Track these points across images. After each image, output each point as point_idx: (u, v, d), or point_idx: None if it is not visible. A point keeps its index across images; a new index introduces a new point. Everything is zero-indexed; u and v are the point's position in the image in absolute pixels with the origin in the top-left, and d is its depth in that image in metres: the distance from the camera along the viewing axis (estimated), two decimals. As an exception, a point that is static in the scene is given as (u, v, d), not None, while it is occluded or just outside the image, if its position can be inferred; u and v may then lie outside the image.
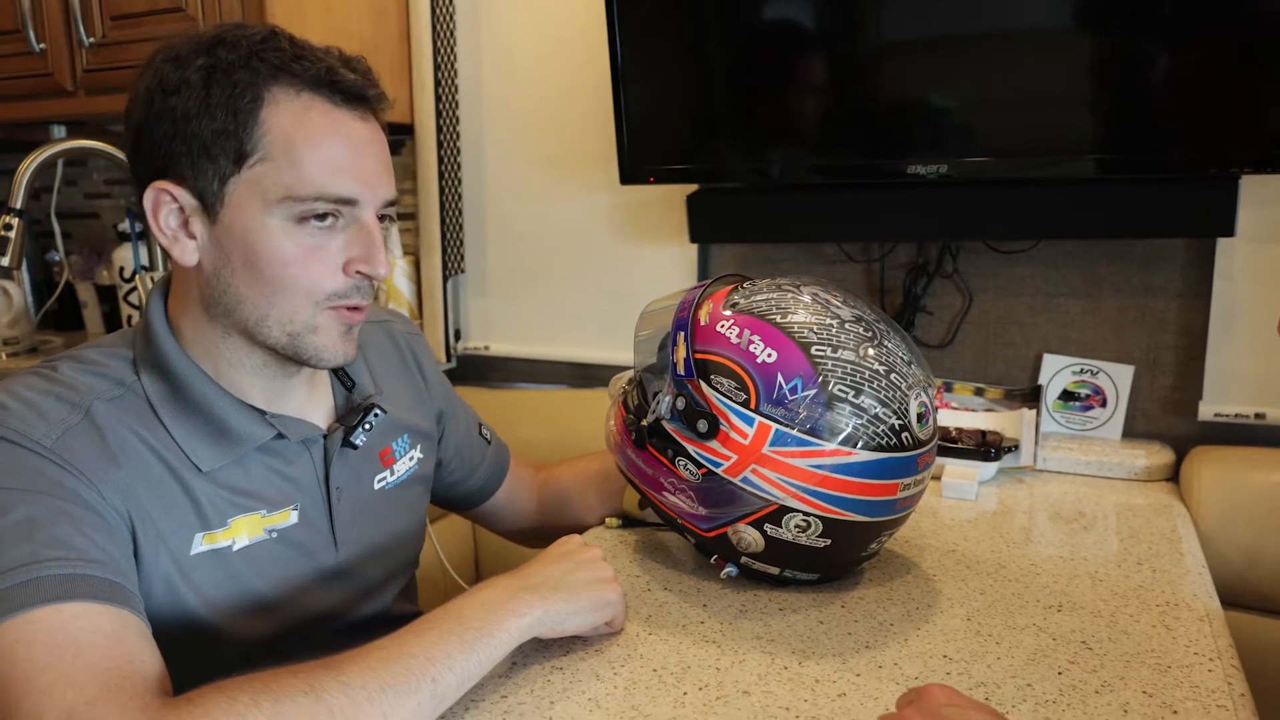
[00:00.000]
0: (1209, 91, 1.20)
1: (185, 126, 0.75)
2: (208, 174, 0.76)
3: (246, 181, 0.76)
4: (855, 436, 0.85)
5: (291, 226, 0.77)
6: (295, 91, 0.76)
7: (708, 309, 0.93)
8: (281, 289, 0.78)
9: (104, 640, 0.65)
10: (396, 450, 0.98)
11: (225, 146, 0.75)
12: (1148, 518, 1.17)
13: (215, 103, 0.75)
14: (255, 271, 0.77)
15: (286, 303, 0.78)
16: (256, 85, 0.75)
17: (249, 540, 0.82)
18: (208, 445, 0.80)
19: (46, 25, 1.70)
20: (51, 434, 0.73)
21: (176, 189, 0.77)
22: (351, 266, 0.80)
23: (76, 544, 0.69)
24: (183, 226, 0.78)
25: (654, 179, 1.51)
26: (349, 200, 0.78)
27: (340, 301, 0.80)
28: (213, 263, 0.79)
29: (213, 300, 0.80)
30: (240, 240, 0.77)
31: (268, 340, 0.80)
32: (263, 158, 0.76)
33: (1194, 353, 1.37)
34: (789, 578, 0.94)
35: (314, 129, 0.77)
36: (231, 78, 0.75)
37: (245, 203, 0.77)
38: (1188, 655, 0.81)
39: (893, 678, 0.78)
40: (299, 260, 0.77)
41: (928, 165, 1.32)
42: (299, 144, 0.76)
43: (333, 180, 0.77)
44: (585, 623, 0.81)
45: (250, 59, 0.76)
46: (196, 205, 0.77)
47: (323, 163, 0.77)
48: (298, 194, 0.76)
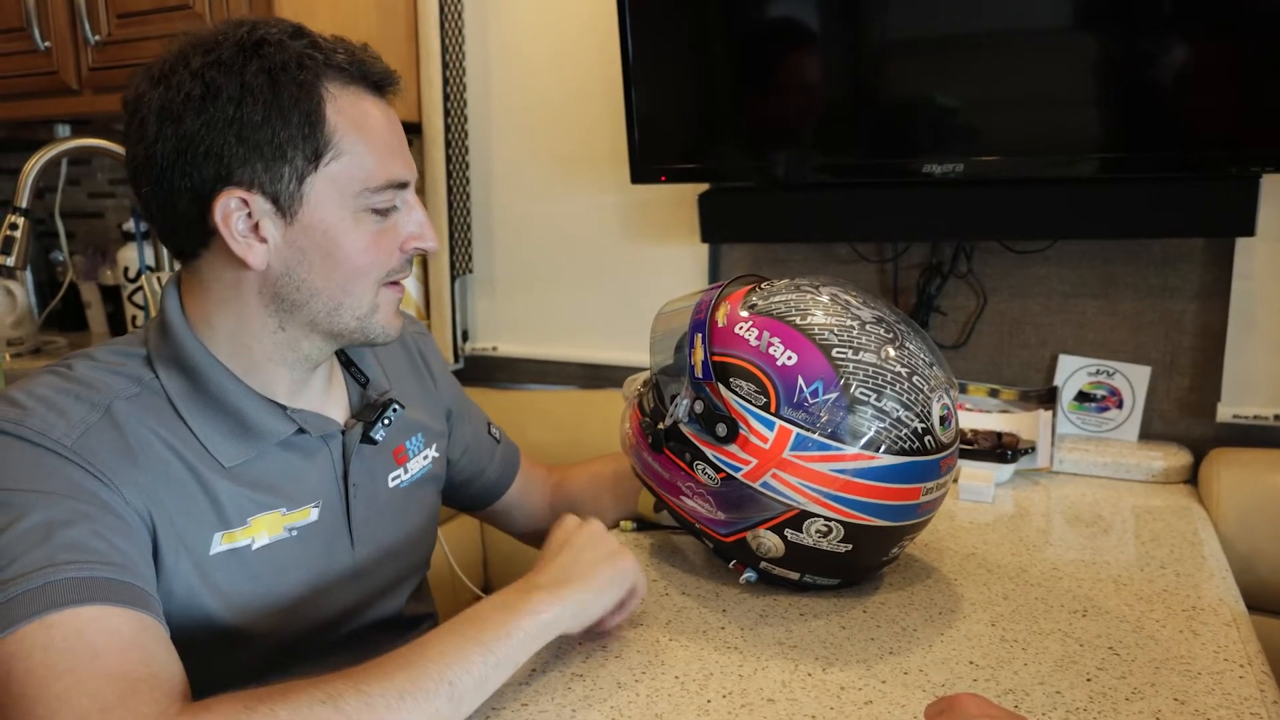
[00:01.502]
0: (1228, 89, 1.19)
1: (254, 133, 0.74)
2: (283, 176, 0.76)
3: (323, 179, 0.77)
4: (878, 440, 0.84)
5: (364, 216, 0.79)
6: (343, 84, 0.78)
7: (725, 310, 0.92)
8: (357, 276, 0.80)
9: (121, 644, 0.65)
10: (410, 449, 0.97)
11: (301, 147, 0.76)
12: (1167, 520, 1.16)
13: (286, 106, 0.75)
14: (335, 263, 0.79)
15: (359, 288, 0.81)
16: (318, 84, 0.76)
17: (269, 539, 0.82)
18: (229, 441, 0.80)
19: (51, 23, 1.69)
20: (72, 434, 0.72)
21: (249, 195, 0.76)
22: (410, 243, 0.83)
23: (95, 547, 0.68)
24: (253, 231, 0.78)
25: (665, 178, 1.50)
26: (404, 183, 0.82)
27: (396, 277, 0.84)
28: (285, 261, 0.79)
29: (279, 297, 0.80)
30: (321, 235, 0.78)
31: (336, 328, 0.82)
32: (336, 154, 0.77)
33: (1212, 353, 1.36)
34: (809, 583, 0.93)
35: (369, 119, 0.79)
36: (298, 78, 0.75)
37: (324, 199, 0.78)
38: (1217, 661, 0.80)
39: (919, 684, 0.76)
40: (374, 245, 0.80)
41: (941, 164, 1.31)
42: (363, 136, 0.78)
43: (392, 166, 0.80)
44: (608, 601, 0.81)
45: (303, 58, 0.76)
46: (271, 209, 0.77)
47: (382, 151, 0.79)
48: (372, 185, 0.79)
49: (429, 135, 1.72)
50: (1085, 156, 1.27)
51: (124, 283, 2.04)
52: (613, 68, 1.46)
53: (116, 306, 2.13)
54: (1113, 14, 1.22)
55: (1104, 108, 1.26)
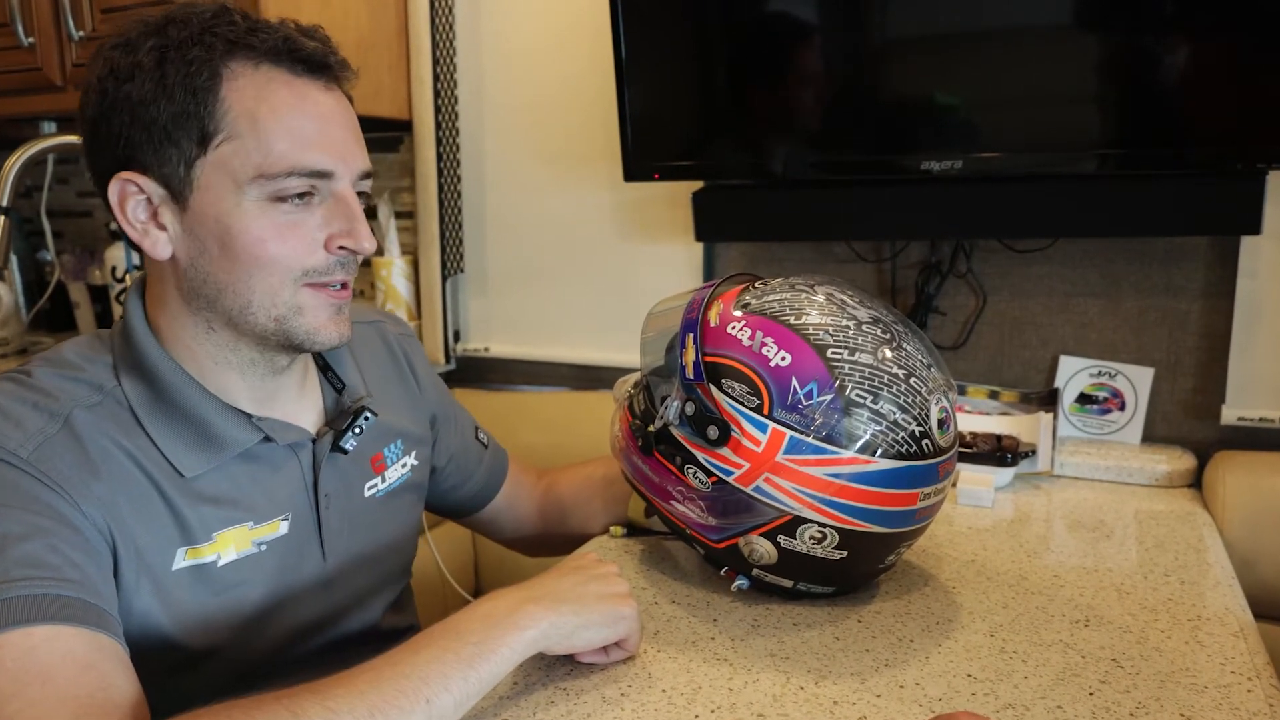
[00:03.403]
0: (1234, 84, 1.16)
1: (143, 112, 0.72)
2: (172, 159, 0.73)
3: (213, 163, 0.73)
4: (874, 444, 0.81)
5: (267, 205, 0.74)
6: (253, 65, 0.73)
7: (718, 310, 0.89)
8: (259, 268, 0.74)
9: (74, 666, 0.62)
10: (389, 457, 0.94)
11: (187, 128, 0.72)
12: (1171, 526, 1.13)
13: (171, 83, 0.71)
14: (232, 254, 0.74)
15: (265, 284, 0.75)
16: (213, 61, 0.72)
17: (236, 554, 0.78)
18: (191, 450, 0.76)
19: (35, 19, 1.66)
20: (28, 445, 0.69)
21: (141, 179, 0.74)
22: (334, 242, 0.76)
23: (50, 562, 0.65)
24: (152, 218, 0.75)
25: (659, 176, 1.47)
26: (322, 173, 0.75)
27: (322, 278, 0.77)
28: (188, 252, 0.75)
29: (193, 293, 0.76)
30: (214, 224, 0.74)
31: (255, 328, 0.76)
32: (228, 136, 0.73)
33: (1216, 354, 1.33)
34: (803, 591, 0.90)
35: (277, 101, 0.73)
36: (186, 56, 0.72)
37: (215, 185, 0.73)
38: (1224, 674, 0.77)
39: (915, 699, 0.74)
40: (276, 237, 0.74)
41: (940, 161, 1.28)
42: (263, 118, 0.73)
43: (303, 153, 0.74)
44: (595, 637, 0.76)
45: (203, 35, 0.72)
46: (164, 194, 0.74)
47: (290, 136, 0.73)
48: (269, 171, 0.73)
49: (419, 133, 1.70)
50: (1087, 153, 1.25)
51: (111, 282, 2.01)
52: (606, 63, 1.43)
53: (104, 307, 2.11)
54: (1116, 7, 1.20)
55: (1106, 103, 1.23)
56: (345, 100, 0.79)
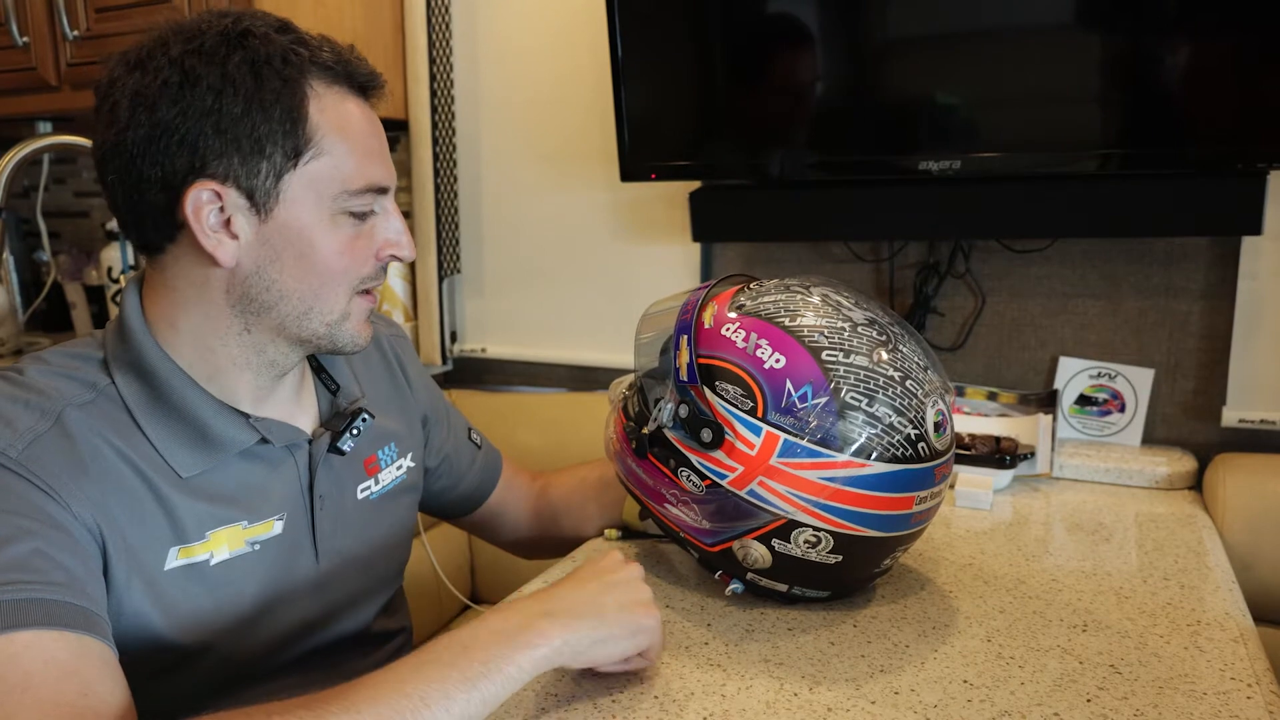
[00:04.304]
0: (1234, 83, 1.15)
1: (233, 124, 0.72)
2: (260, 171, 0.73)
3: (302, 177, 0.75)
4: (869, 447, 0.80)
5: (341, 218, 0.77)
6: (328, 83, 0.76)
7: (712, 311, 0.88)
8: (331, 280, 0.78)
9: (56, 672, 0.61)
10: (383, 459, 0.94)
11: (281, 143, 0.73)
12: (1171, 529, 1.12)
13: (269, 99, 0.72)
14: (309, 265, 0.76)
15: (331, 293, 0.78)
16: (302, 80, 0.74)
17: (229, 554, 0.78)
18: (187, 450, 0.76)
19: (30, 18, 1.66)
20: (18, 444, 0.68)
21: (222, 188, 0.73)
22: (385, 251, 0.80)
23: (36, 565, 0.64)
24: (224, 226, 0.74)
25: (656, 176, 1.46)
26: (384, 188, 0.80)
27: (370, 284, 0.81)
28: (256, 260, 0.76)
29: (247, 298, 0.77)
30: (296, 235, 0.76)
31: (304, 333, 0.79)
32: (317, 153, 0.75)
33: (1217, 355, 1.32)
34: (798, 595, 0.89)
35: (352, 120, 0.77)
36: (282, 73, 0.73)
37: (302, 198, 0.75)
38: (1224, 680, 0.76)
39: (910, 706, 0.73)
40: (349, 250, 0.78)
41: (939, 161, 1.27)
42: (345, 137, 0.76)
43: (372, 170, 0.78)
44: (614, 651, 0.72)
45: (288, 53, 0.74)
46: (245, 204, 0.74)
47: (363, 153, 0.77)
48: (351, 187, 0.76)
49: (416, 133, 1.69)
50: (1087, 153, 1.24)
51: (108, 283, 2.00)
52: (602, 63, 1.43)
53: (101, 307, 2.10)
54: (1116, 7, 1.19)
55: (1106, 103, 1.22)
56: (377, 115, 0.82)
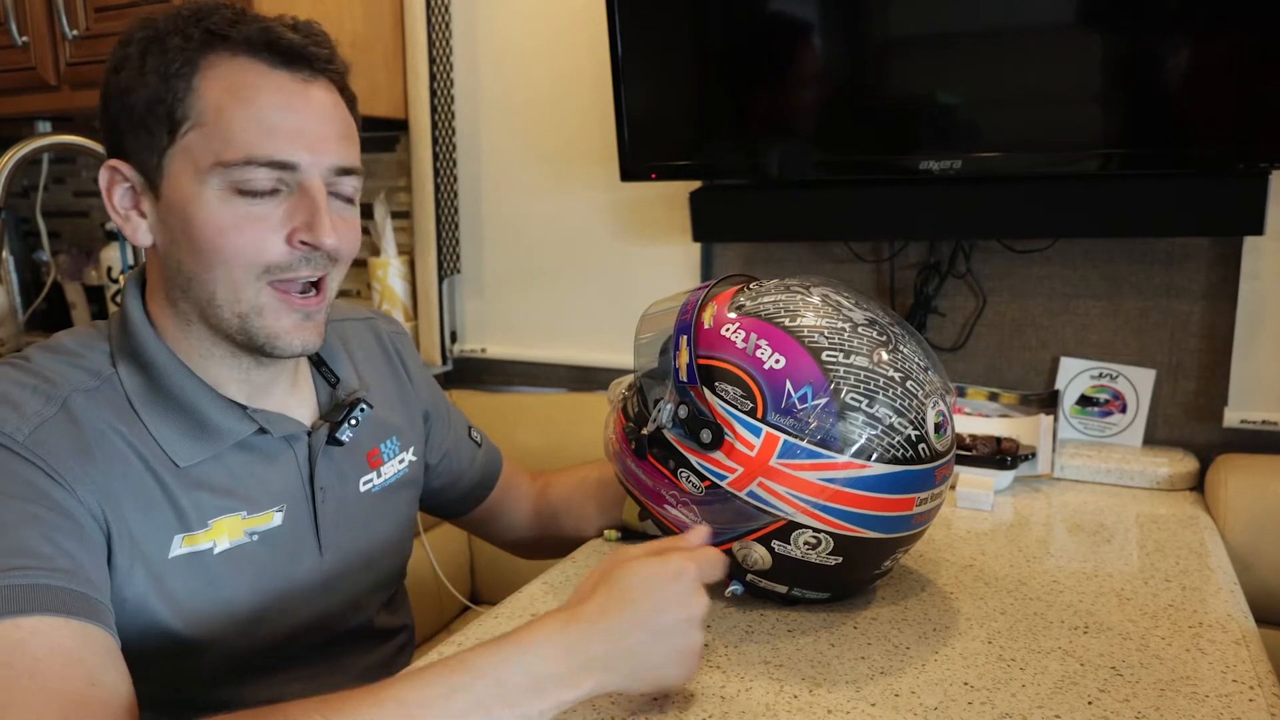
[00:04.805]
0: (1236, 83, 1.15)
1: (125, 100, 0.74)
2: (148, 147, 0.74)
3: (180, 151, 0.74)
4: (869, 448, 0.80)
5: (229, 196, 0.73)
6: (230, 56, 0.74)
7: (712, 311, 0.88)
8: (220, 259, 0.73)
9: (63, 659, 0.61)
10: (385, 452, 0.94)
11: (159, 116, 0.73)
12: (1172, 530, 1.12)
13: (149, 71, 0.73)
14: (194, 244, 0.74)
15: (227, 277, 0.74)
16: (189, 51, 0.73)
17: (230, 544, 0.78)
18: (185, 440, 0.76)
19: (29, 17, 1.65)
20: (25, 427, 0.68)
21: (124, 166, 0.76)
22: (295, 236, 0.74)
23: (42, 551, 0.64)
24: (134, 206, 0.77)
25: (656, 176, 1.46)
26: (285, 164, 0.73)
27: (285, 274, 0.75)
28: (163, 241, 0.77)
29: (170, 283, 0.77)
30: (179, 212, 0.74)
31: (220, 324, 0.76)
32: (194, 125, 0.73)
33: (1219, 356, 1.32)
34: (797, 596, 0.89)
35: (246, 90, 0.73)
36: (165, 46, 0.73)
37: (181, 173, 0.74)
38: (1225, 683, 0.76)
39: (911, 708, 0.72)
40: (234, 228, 0.73)
41: (940, 161, 1.27)
42: (228, 107, 0.73)
43: (264, 142, 0.72)
44: (651, 688, 0.70)
45: (187, 26, 0.73)
46: (143, 182, 0.76)
47: (253, 124, 0.72)
48: (226, 159, 0.72)
49: (415, 132, 1.69)
50: (1088, 153, 1.23)
51: (108, 283, 2.00)
52: (603, 61, 1.42)
53: (101, 307, 2.10)
54: (1117, 6, 1.18)
55: (1107, 102, 1.22)
56: (330, 94, 0.77)
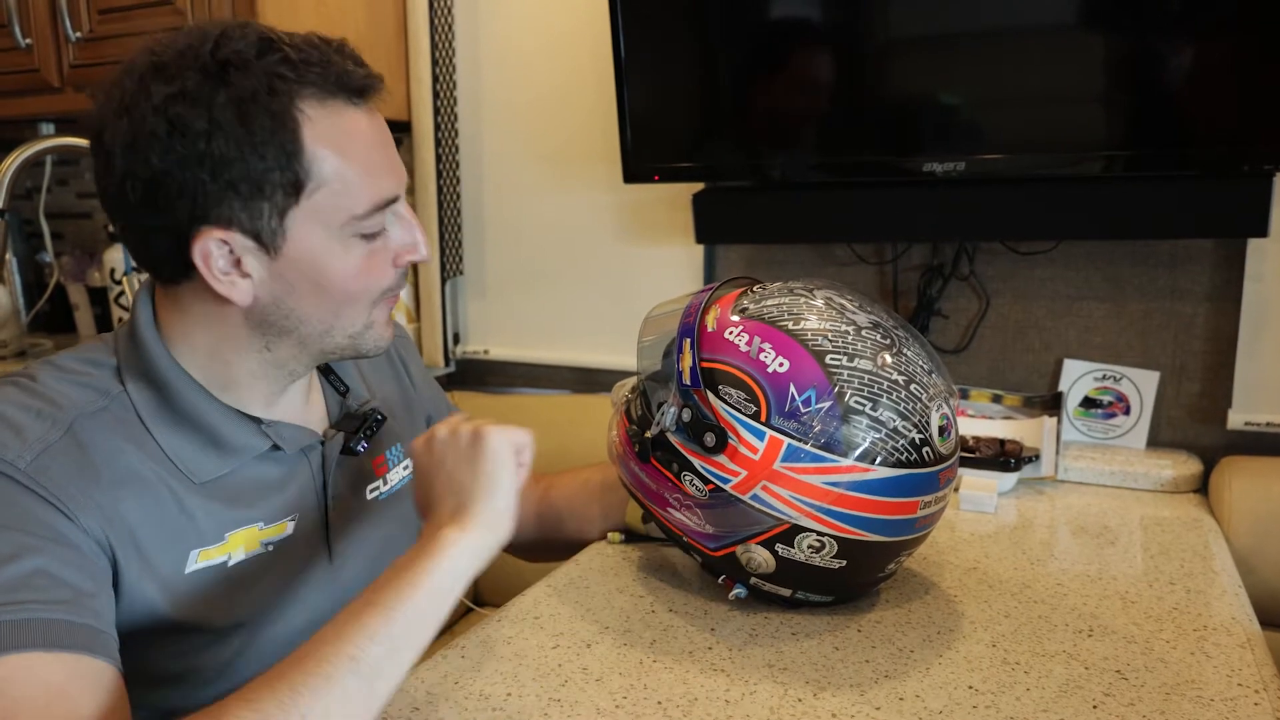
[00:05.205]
0: (1239, 84, 1.15)
1: (228, 170, 0.69)
2: (263, 213, 0.71)
3: (306, 211, 0.72)
4: (873, 451, 0.80)
5: (355, 241, 0.75)
6: (319, 102, 0.72)
7: (715, 314, 0.88)
8: (350, 300, 0.77)
9: (46, 696, 0.60)
10: (390, 459, 0.94)
11: (280, 182, 0.71)
12: (1177, 532, 1.12)
13: (260, 140, 0.69)
14: (325, 292, 0.75)
15: (352, 310, 0.78)
16: (290, 110, 0.70)
17: (245, 555, 0.78)
18: (201, 456, 0.76)
19: (33, 19, 1.66)
20: (26, 454, 0.67)
21: (227, 234, 0.71)
22: (401, 257, 0.79)
23: (37, 584, 0.63)
24: (235, 267, 0.73)
25: (659, 177, 1.46)
26: (391, 200, 0.77)
27: (392, 293, 0.81)
28: (272, 294, 0.75)
29: (267, 324, 0.76)
30: (310, 267, 0.74)
31: (327, 347, 0.79)
32: (318, 185, 0.72)
33: (1223, 358, 1.32)
34: (801, 600, 0.89)
35: (350, 138, 0.73)
36: (270, 108, 0.69)
37: (309, 232, 0.73)
38: (1230, 687, 0.76)
39: (915, 712, 0.72)
40: (366, 271, 0.76)
41: (943, 163, 1.27)
42: (345, 160, 0.73)
43: (378, 187, 0.75)
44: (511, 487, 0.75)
45: (273, 80, 0.70)
46: (252, 245, 0.72)
47: (366, 173, 0.74)
48: (359, 213, 0.74)
49: (418, 134, 1.69)
50: (1091, 155, 1.23)
51: (111, 284, 2.00)
52: (606, 64, 1.42)
53: (104, 309, 2.10)
54: (1120, 7, 1.18)
55: (1111, 104, 1.22)
56: (380, 115, 0.79)
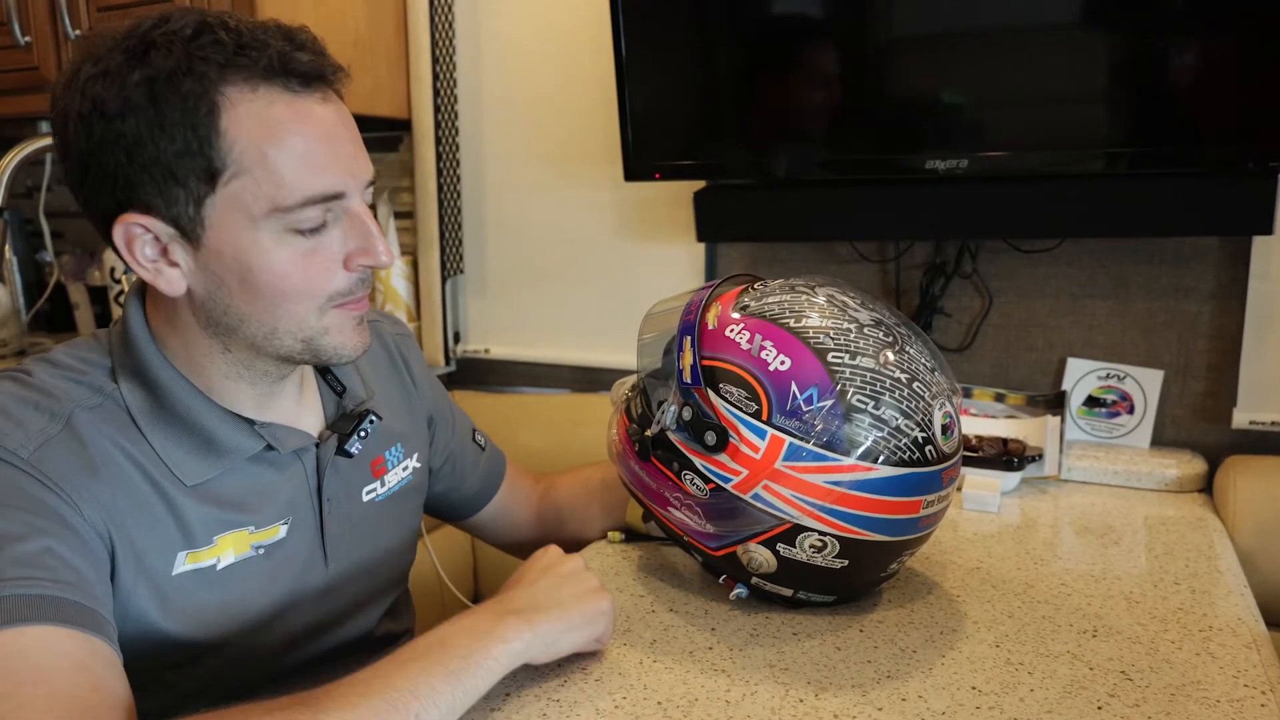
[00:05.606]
0: (1244, 80, 1.14)
1: (141, 152, 0.67)
2: (179, 199, 0.69)
3: (224, 200, 0.69)
4: (875, 450, 0.79)
5: (284, 236, 0.71)
6: (250, 89, 0.68)
7: (716, 312, 0.87)
8: (284, 300, 0.72)
9: (68, 667, 0.61)
10: (389, 460, 0.93)
11: (193, 167, 0.68)
12: (1181, 532, 1.11)
13: (170, 122, 0.66)
14: (254, 289, 0.71)
15: (292, 313, 0.73)
16: (209, 94, 0.67)
17: (235, 558, 0.77)
18: (192, 458, 0.75)
19: (32, 17, 1.65)
20: (29, 444, 0.68)
21: (147, 219, 0.69)
22: (353, 261, 0.74)
23: (46, 563, 0.64)
24: (162, 255, 0.71)
25: (660, 175, 1.45)
26: (335, 195, 0.72)
27: (346, 299, 0.75)
28: (204, 287, 0.72)
29: (212, 321, 0.74)
30: (232, 260, 0.71)
31: (279, 351, 0.75)
32: (236, 173, 0.69)
33: (1228, 357, 1.31)
34: (803, 599, 0.88)
35: (280, 128, 0.69)
36: (180, 89, 0.66)
37: (229, 222, 0.70)
38: (1237, 688, 0.75)
39: (918, 713, 0.72)
40: (299, 269, 0.72)
41: (945, 160, 1.26)
42: (270, 149, 0.69)
43: (314, 179, 0.70)
44: (578, 640, 0.76)
45: (193, 62, 0.67)
46: (173, 233, 0.70)
47: (299, 162, 0.70)
48: (283, 204, 0.69)
49: (418, 133, 1.68)
50: (1095, 152, 1.22)
51: (111, 284, 1.99)
52: (607, 61, 1.41)
53: (104, 308, 2.09)
54: (1125, 4, 1.17)
55: (1114, 101, 1.21)
56: (343, 107, 0.75)
